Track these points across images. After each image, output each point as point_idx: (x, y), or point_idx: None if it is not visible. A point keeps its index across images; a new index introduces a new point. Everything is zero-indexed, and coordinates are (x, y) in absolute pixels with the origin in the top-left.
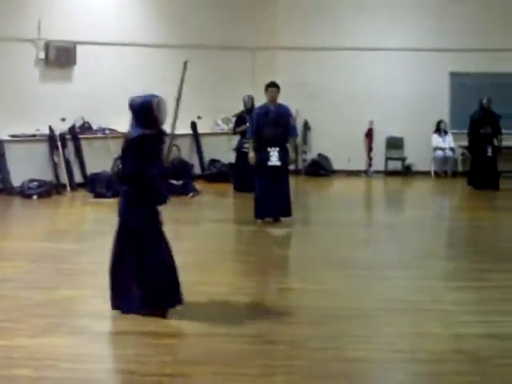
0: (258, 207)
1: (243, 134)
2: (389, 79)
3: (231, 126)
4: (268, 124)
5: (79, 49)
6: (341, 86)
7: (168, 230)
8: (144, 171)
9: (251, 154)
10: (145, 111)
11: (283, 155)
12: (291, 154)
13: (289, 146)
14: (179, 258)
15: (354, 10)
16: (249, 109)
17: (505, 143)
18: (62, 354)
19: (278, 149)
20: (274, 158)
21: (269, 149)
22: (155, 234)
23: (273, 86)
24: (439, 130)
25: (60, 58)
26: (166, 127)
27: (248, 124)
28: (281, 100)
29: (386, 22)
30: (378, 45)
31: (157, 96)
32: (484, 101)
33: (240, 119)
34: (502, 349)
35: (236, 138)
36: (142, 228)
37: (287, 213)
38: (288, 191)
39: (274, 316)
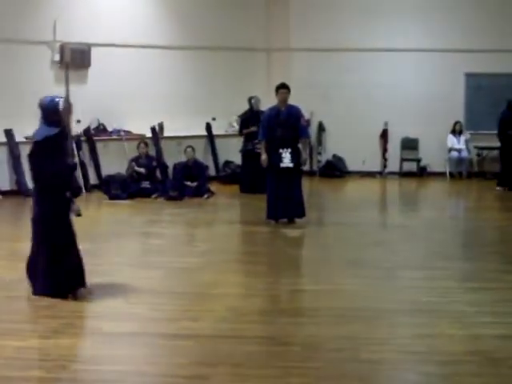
0: (269, 208)
1: (249, 136)
2: (404, 80)
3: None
4: (279, 125)
5: (94, 51)
6: (355, 87)
7: (182, 231)
8: (54, 168)
9: (263, 157)
10: (51, 111)
11: (295, 156)
12: (303, 155)
13: (300, 146)
14: (194, 260)
15: (369, 11)
16: (256, 110)
17: None
18: (75, 355)
19: (289, 150)
20: (287, 160)
21: (281, 150)
22: (63, 223)
23: (283, 88)
24: (455, 130)
25: (75, 59)
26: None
27: (251, 126)
28: (296, 101)
29: (400, 22)
30: (392, 46)
31: (62, 97)
32: None
33: (246, 120)
34: None
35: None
36: (51, 218)
37: (300, 213)
38: (300, 192)
39: (288, 317)
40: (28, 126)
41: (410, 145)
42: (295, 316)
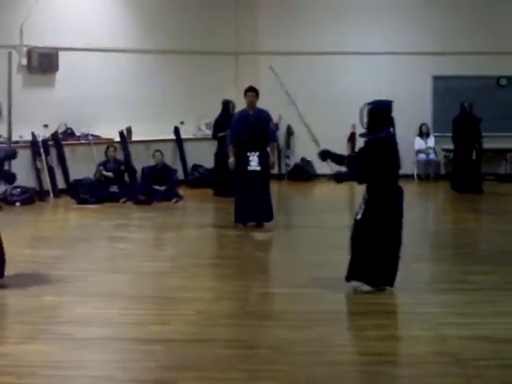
0: (237, 212)
1: (224, 139)
2: (371, 83)
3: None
4: (247, 129)
5: (61, 55)
6: (323, 90)
7: (151, 235)
8: None
9: (231, 160)
10: None
11: (263, 160)
12: (271, 159)
13: (269, 150)
14: (162, 264)
15: (335, 15)
16: (231, 114)
17: (488, 145)
18: (47, 360)
19: (257, 153)
20: (254, 163)
21: (248, 153)
22: None
23: (251, 91)
24: (421, 133)
25: (42, 64)
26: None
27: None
28: (264, 105)
29: (368, 25)
30: (360, 49)
31: None
32: (465, 105)
33: (221, 124)
34: (485, 350)
35: (216, 144)
36: None
37: (268, 217)
38: (268, 196)
39: (256, 320)
40: None
41: None
42: (264, 319)
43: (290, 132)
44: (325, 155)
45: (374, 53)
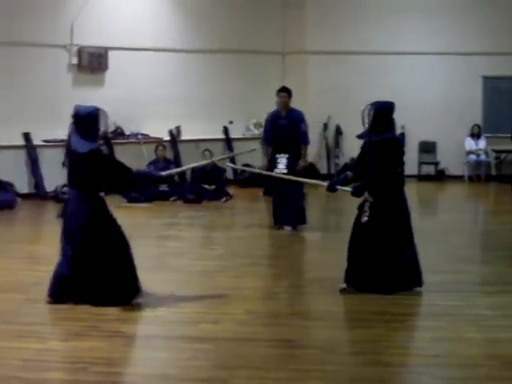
0: (274, 215)
1: None
2: (421, 83)
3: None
4: (278, 130)
5: (111, 54)
6: (372, 90)
7: (200, 234)
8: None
9: (264, 161)
10: (89, 121)
11: (291, 162)
12: (301, 161)
13: (302, 152)
14: (211, 263)
15: (384, 14)
16: None
17: None
18: (95, 357)
19: (286, 155)
20: (281, 166)
21: (277, 155)
22: (102, 228)
23: (283, 91)
24: (473, 134)
25: (92, 63)
26: None
27: None
28: (312, 104)
29: (417, 25)
30: (409, 48)
31: (100, 108)
32: None
33: None
34: None
35: None
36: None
37: (299, 221)
38: (299, 199)
39: (306, 320)
40: (46, 130)
41: (427, 148)
42: (313, 319)
43: (338, 132)
44: (333, 187)
45: (423, 53)
